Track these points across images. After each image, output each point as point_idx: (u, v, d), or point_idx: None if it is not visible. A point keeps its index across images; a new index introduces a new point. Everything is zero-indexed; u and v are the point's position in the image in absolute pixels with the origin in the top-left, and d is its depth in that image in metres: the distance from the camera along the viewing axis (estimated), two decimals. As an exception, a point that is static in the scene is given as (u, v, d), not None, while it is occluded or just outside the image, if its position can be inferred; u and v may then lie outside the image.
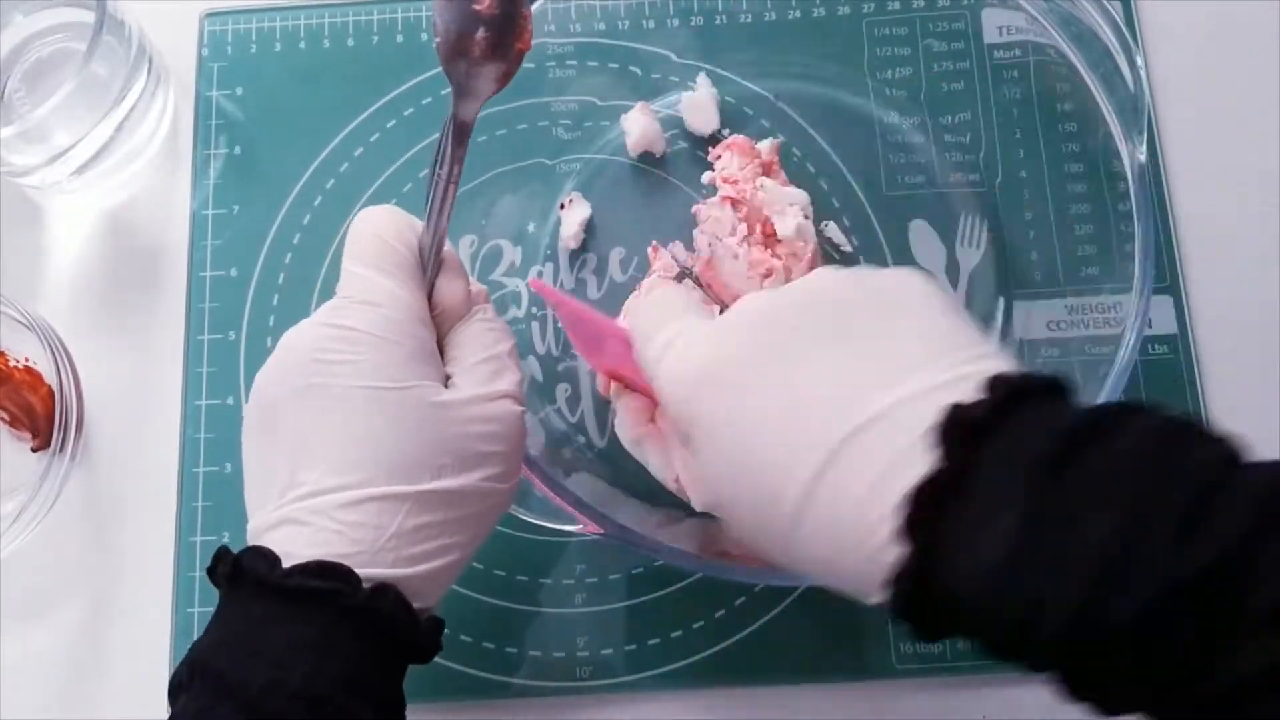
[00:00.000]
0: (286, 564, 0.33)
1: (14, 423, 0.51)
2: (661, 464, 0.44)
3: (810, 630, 0.48)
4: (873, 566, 0.28)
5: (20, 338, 0.50)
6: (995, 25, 0.55)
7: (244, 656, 0.32)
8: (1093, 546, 0.25)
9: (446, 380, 0.37)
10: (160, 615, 0.49)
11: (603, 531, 0.41)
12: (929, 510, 0.27)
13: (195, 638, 0.47)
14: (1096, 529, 0.25)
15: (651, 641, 0.48)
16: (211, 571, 0.35)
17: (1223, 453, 0.26)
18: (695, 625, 0.48)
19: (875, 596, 0.29)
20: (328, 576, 0.33)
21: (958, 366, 0.30)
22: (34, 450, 0.51)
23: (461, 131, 0.38)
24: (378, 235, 0.37)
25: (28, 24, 0.54)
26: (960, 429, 0.28)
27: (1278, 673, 0.23)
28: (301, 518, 0.34)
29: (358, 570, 0.33)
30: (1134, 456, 0.26)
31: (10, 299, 0.49)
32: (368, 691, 0.33)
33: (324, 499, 0.34)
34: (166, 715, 0.33)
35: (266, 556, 0.33)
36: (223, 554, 0.35)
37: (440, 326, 0.39)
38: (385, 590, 0.33)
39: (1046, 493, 0.26)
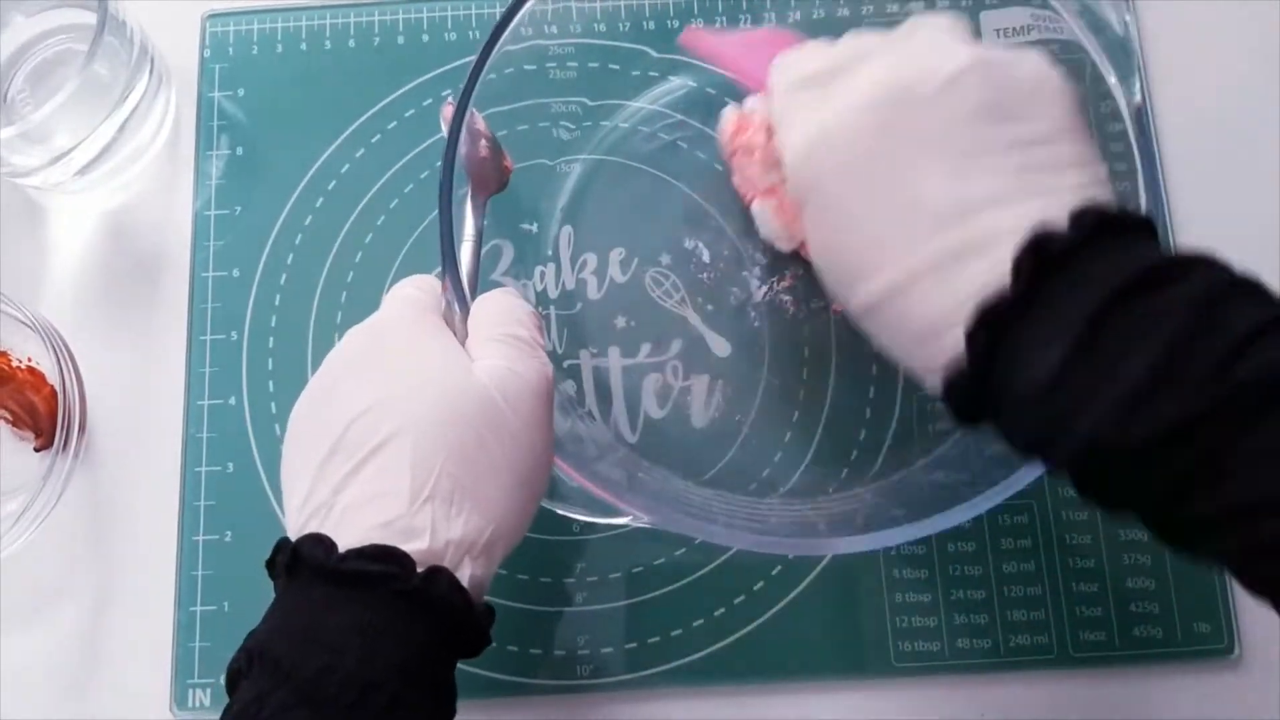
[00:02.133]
0: (342, 548, 0.33)
1: (17, 422, 0.51)
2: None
3: (810, 630, 0.48)
4: (935, 362, 0.33)
5: (23, 338, 0.51)
6: (994, 27, 0.55)
7: (301, 642, 0.32)
8: (1123, 382, 0.29)
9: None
10: (162, 615, 0.49)
11: (652, 521, 0.41)
12: (991, 329, 0.31)
13: (196, 637, 0.49)
14: (1131, 366, 0.29)
15: (652, 640, 0.48)
16: (271, 563, 0.36)
17: (1268, 315, 0.29)
18: (695, 624, 0.48)
19: (931, 382, 0.34)
20: (382, 560, 0.33)
21: (1059, 192, 0.33)
22: (37, 450, 0.51)
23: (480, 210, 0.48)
24: (404, 283, 0.42)
25: (30, 25, 0.54)
26: (1036, 259, 0.31)
27: (1253, 504, 0.28)
28: (345, 500, 0.35)
29: (411, 553, 0.34)
30: (1187, 303, 0.29)
31: (13, 299, 0.50)
32: (423, 679, 0.33)
33: (365, 469, 0.35)
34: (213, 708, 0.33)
35: (323, 542, 0.34)
36: (282, 544, 0.35)
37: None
38: (439, 574, 0.34)
39: (1099, 327, 0.30)
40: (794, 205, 0.39)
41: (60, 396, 0.49)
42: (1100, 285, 0.30)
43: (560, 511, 0.43)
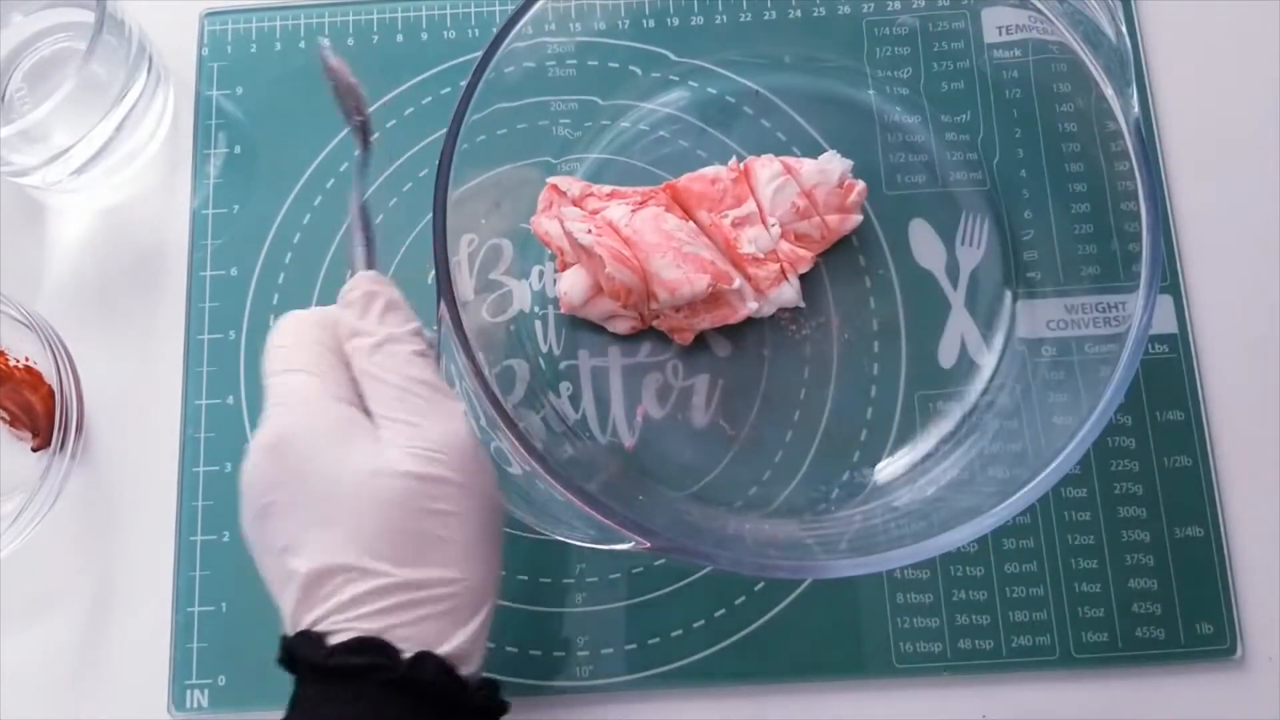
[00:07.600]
0: (332, 642, 0.34)
1: (14, 422, 0.51)
2: None
3: (810, 630, 0.48)
4: None
5: (20, 337, 0.50)
6: (995, 25, 0.55)
7: None
8: None
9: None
10: (160, 615, 0.49)
11: (652, 547, 0.40)
12: None
13: (194, 637, 0.48)
14: None
15: (652, 641, 0.48)
16: (280, 661, 0.37)
17: None
18: (695, 624, 0.48)
19: None
20: (366, 652, 0.34)
21: None
22: (34, 450, 0.51)
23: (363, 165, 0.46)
24: (279, 346, 0.40)
25: (28, 24, 0.54)
26: None
27: None
28: (317, 613, 0.36)
29: (394, 641, 0.34)
30: None
31: (10, 298, 0.49)
32: None
33: (300, 576, 0.36)
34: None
35: (310, 638, 0.35)
36: (283, 642, 0.36)
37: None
38: (424, 659, 0.34)
39: None
40: None
41: (58, 396, 0.49)
42: None
43: (560, 539, 0.42)
